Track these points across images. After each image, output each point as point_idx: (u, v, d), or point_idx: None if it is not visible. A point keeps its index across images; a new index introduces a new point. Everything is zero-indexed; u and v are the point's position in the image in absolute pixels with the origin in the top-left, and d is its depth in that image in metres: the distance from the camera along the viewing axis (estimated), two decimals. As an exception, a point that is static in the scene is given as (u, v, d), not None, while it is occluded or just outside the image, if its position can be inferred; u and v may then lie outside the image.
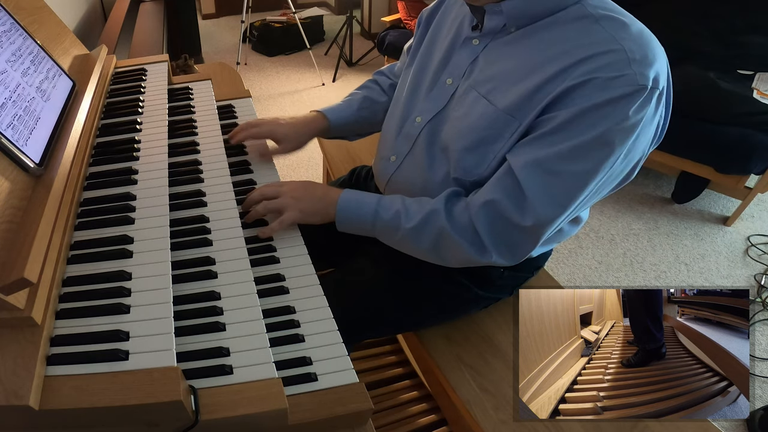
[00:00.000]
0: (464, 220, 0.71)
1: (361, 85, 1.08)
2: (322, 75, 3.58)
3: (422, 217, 0.74)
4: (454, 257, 0.75)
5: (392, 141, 0.88)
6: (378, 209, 0.78)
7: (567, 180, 0.64)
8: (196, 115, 1.00)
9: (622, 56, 0.60)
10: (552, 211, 0.66)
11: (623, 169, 0.67)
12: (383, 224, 0.78)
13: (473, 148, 0.72)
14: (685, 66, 2.21)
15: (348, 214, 0.80)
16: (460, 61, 0.78)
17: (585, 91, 0.61)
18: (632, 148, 0.64)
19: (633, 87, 0.59)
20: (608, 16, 0.64)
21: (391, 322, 0.92)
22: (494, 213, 0.69)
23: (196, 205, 0.77)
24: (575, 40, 0.64)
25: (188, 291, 0.64)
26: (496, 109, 0.70)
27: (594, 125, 0.61)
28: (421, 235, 0.75)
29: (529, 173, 0.65)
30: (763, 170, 2.00)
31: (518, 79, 0.68)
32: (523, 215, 0.66)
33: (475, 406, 0.82)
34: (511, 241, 0.70)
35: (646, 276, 1.95)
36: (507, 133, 0.69)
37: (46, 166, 0.66)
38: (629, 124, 0.61)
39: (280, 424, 0.54)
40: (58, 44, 0.90)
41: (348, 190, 0.82)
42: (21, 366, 0.48)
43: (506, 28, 0.71)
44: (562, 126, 0.63)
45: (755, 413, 1.40)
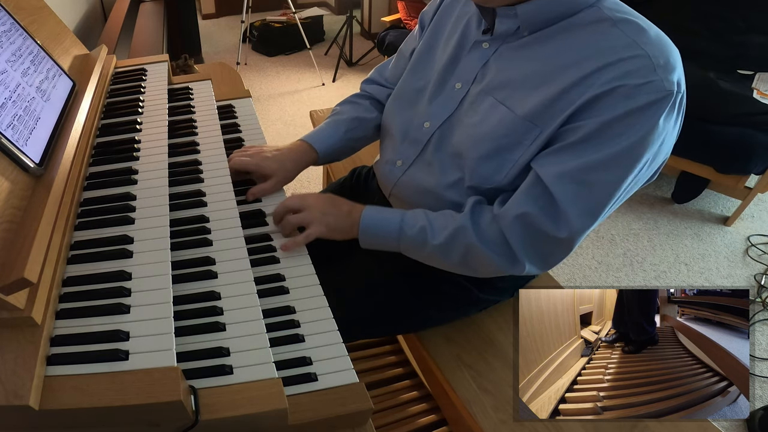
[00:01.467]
0: (493, 234, 0.70)
1: (345, 100, 1.02)
2: (322, 75, 3.59)
3: (449, 234, 0.73)
4: (485, 269, 0.75)
5: (397, 145, 0.86)
6: (402, 226, 0.77)
7: (599, 190, 0.64)
8: (196, 115, 0.99)
9: (646, 62, 0.59)
10: (585, 221, 0.65)
11: (649, 173, 0.67)
12: (408, 241, 0.77)
13: (491, 156, 0.71)
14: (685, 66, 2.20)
15: (372, 231, 0.78)
16: (470, 65, 0.76)
17: (612, 99, 0.60)
18: (658, 153, 0.63)
19: (660, 94, 0.59)
20: (626, 19, 0.63)
21: (391, 322, 0.92)
22: (529, 226, 0.67)
23: (196, 205, 0.77)
24: (595, 44, 0.63)
25: (188, 291, 0.64)
26: (515, 116, 0.68)
27: (624, 134, 0.60)
28: (449, 251, 0.74)
29: (562, 185, 0.64)
30: (763, 170, 2.00)
31: (536, 85, 0.67)
32: (558, 227, 0.65)
33: (475, 406, 0.82)
34: (545, 252, 0.70)
35: (646, 276, 1.95)
36: (527, 140, 0.68)
37: (46, 166, 0.66)
38: (658, 131, 0.60)
39: (280, 424, 0.54)
40: (58, 44, 0.90)
41: (369, 207, 0.80)
42: (21, 366, 0.48)
43: (519, 32, 0.70)
44: (591, 135, 0.62)
45: (755, 413, 1.40)
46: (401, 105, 0.88)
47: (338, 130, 0.94)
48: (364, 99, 1.01)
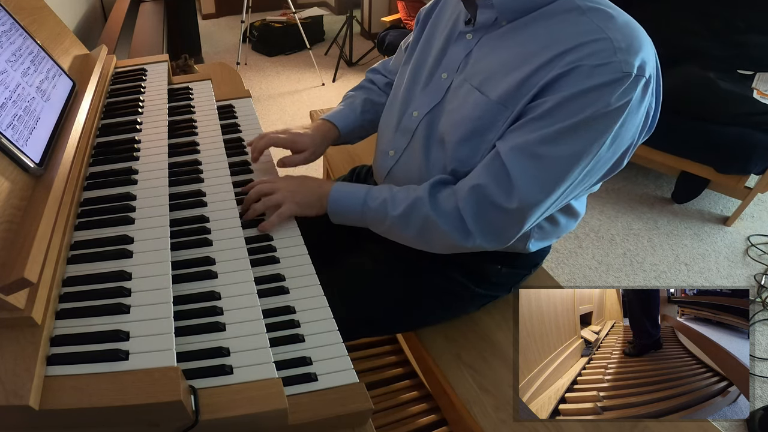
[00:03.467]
0: (449, 207, 0.73)
1: (357, 86, 1.08)
2: (322, 75, 3.58)
3: (407, 205, 0.76)
4: (439, 243, 0.77)
5: (391, 135, 0.89)
6: (366, 199, 0.80)
7: (551, 164, 0.66)
8: (196, 115, 1.00)
9: (607, 45, 0.62)
10: (537, 194, 0.67)
11: (611, 156, 0.68)
12: (372, 213, 0.80)
13: (467, 139, 0.74)
14: (685, 66, 2.21)
15: (339, 205, 0.82)
16: (455, 56, 0.79)
17: (571, 78, 0.63)
18: (618, 135, 0.65)
19: (617, 74, 0.61)
20: (594, 8, 0.66)
21: (390, 321, 0.93)
22: (480, 197, 0.70)
23: (196, 205, 0.77)
24: (563, 31, 0.66)
25: (188, 291, 0.64)
26: (488, 100, 0.71)
27: (578, 111, 0.63)
28: (407, 223, 0.77)
29: (514, 157, 0.67)
30: (763, 170, 2.00)
31: (509, 71, 0.70)
32: (508, 198, 0.68)
33: (475, 406, 0.82)
34: (496, 224, 0.72)
35: (646, 276, 1.95)
36: (499, 122, 0.71)
37: (46, 166, 0.66)
38: (612, 109, 0.62)
39: (280, 424, 0.54)
40: (58, 44, 0.90)
41: (339, 182, 0.83)
42: (21, 366, 0.48)
43: (498, 22, 0.73)
44: (547, 112, 0.65)
45: (755, 413, 1.40)
46: (397, 97, 0.90)
47: (355, 111, 1.01)
48: (373, 84, 1.07)
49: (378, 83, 1.07)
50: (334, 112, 1.01)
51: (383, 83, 1.06)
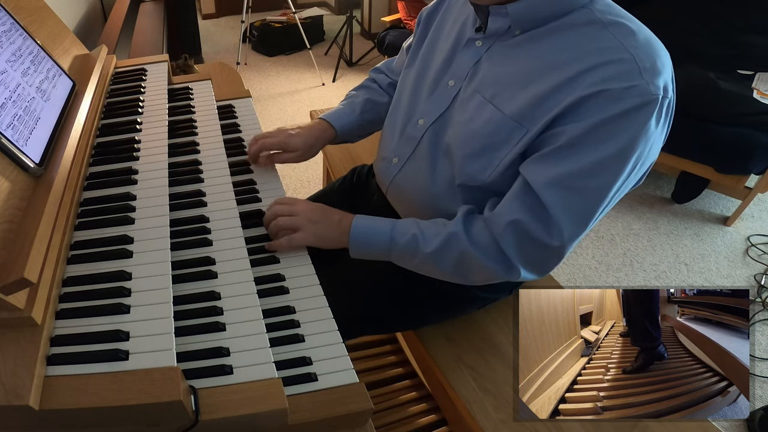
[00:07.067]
0: (486, 241, 0.71)
1: (359, 85, 1.07)
2: (322, 75, 3.59)
3: (441, 241, 0.73)
4: (478, 276, 0.75)
5: (394, 142, 0.87)
6: (393, 235, 0.77)
7: (588, 196, 0.64)
8: (196, 115, 1.00)
9: (632, 66, 0.59)
10: (577, 228, 0.66)
11: (637, 176, 0.67)
12: (399, 249, 0.77)
13: (478, 155, 0.72)
14: (685, 66, 2.21)
15: (362, 241, 0.78)
16: (463, 63, 0.77)
17: (597, 103, 0.61)
18: (645, 157, 0.64)
19: (645, 98, 0.59)
20: (616, 22, 0.63)
21: (390, 320, 0.93)
22: (520, 233, 0.68)
23: (196, 205, 0.77)
24: (583, 46, 0.63)
25: (188, 291, 0.64)
26: (503, 116, 0.69)
27: (609, 139, 0.61)
28: (442, 259, 0.74)
29: (552, 191, 0.64)
30: (763, 170, 2.00)
31: (525, 85, 0.67)
32: (550, 236, 0.66)
33: (475, 406, 0.82)
34: (538, 258, 0.70)
35: (646, 276, 1.95)
36: (513, 140, 0.68)
37: (46, 166, 0.66)
38: (642, 134, 0.60)
39: (280, 424, 0.54)
40: (58, 44, 0.90)
41: (359, 217, 0.80)
42: (21, 366, 0.48)
43: (511, 31, 0.70)
44: (578, 140, 0.62)
45: (755, 413, 1.40)
46: (400, 102, 0.89)
47: (354, 111, 1.00)
48: (375, 84, 1.06)
49: (381, 83, 1.06)
50: (332, 111, 1.00)
51: (386, 83, 1.06)
